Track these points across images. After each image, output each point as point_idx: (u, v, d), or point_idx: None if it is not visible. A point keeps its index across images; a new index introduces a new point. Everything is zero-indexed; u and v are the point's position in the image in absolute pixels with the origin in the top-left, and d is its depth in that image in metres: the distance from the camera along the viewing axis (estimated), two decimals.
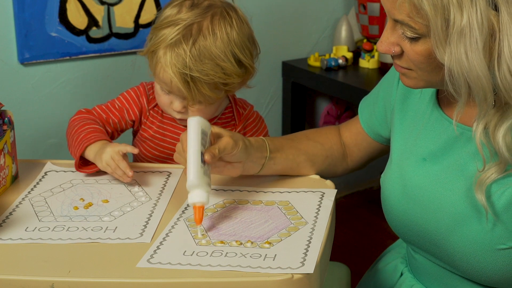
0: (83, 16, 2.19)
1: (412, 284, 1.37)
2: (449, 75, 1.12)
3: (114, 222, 1.25)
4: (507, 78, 1.09)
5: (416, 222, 1.28)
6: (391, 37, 1.18)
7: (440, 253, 1.27)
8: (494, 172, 1.17)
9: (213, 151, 1.27)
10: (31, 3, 2.09)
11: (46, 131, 2.25)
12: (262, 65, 2.66)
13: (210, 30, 1.45)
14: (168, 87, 1.49)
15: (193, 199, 1.21)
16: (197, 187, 1.21)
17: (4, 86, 2.13)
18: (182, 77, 1.44)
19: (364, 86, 2.45)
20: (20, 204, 1.32)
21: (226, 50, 1.45)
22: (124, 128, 1.61)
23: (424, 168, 1.28)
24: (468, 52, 1.09)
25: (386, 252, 1.53)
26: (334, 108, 2.87)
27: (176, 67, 1.44)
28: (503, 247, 1.19)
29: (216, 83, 1.46)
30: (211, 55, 1.44)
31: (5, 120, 1.39)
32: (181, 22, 1.45)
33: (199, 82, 1.45)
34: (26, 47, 2.12)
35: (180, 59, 1.44)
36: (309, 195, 1.34)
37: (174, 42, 1.44)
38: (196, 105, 1.50)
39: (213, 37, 1.44)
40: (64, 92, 2.24)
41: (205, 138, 1.27)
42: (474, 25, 1.07)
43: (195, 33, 1.45)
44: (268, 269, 1.08)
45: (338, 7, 2.77)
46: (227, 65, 1.45)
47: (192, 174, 1.21)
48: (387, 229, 1.42)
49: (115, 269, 1.11)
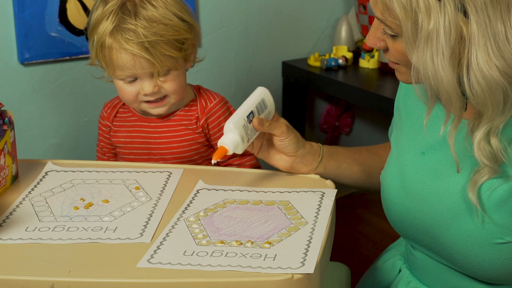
0: (83, 16, 2.19)
1: (410, 281, 1.38)
2: (415, 77, 1.13)
3: (114, 222, 1.25)
4: (475, 87, 1.08)
5: (415, 216, 1.29)
6: (376, 32, 1.20)
7: (438, 247, 1.27)
8: (486, 174, 1.17)
9: (264, 120, 1.38)
10: (31, 3, 2.09)
11: (46, 131, 2.25)
12: (262, 65, 2.68)
13: (144, 1, 1.52)
14: (132, 69, 1.52)
15: (222, 139, 1.33)
16: (230, 131, 1.33)
17: (4, 86, 2.13)
18: (141, 46, 1.49)
19: (364, 86, 2.45)
20: (21, 204, 1.32)
21: (167, 11, 1.52)
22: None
23: (422, 161, 1.29)
24: (434, 57, 1.09)
25: (386, 251, 1.54)
26: (334, 108, 2.87)
27: (131, 40, 1.49)
28: (500, 241, 1.19)
29: (172, 41, 1.52)
30: (156, 18, 1.51)
31: (5, 120, 1.39)
32: (112, 9, 1.51)
33: (157, 45, 1.50)
34: (26, 47, 2.12)
35: (131, 32, 1.49)
36: (309, 195, 1.34)
37: (117, 23, 1.50)
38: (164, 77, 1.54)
39: (150, 5, 1.52)
40: (64, 92, 2.24)
41: (263, 108, 1.40)
42: (441, 31, 1.07)
43: (132, 7, 1.51)
44: (268, 269, 1.08)
45: (338, 7, 2.77)
46: (174, 23, 1.53)
47: (232, 119, 1.34)
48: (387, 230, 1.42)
49: (115, 269, 1.11)
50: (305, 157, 1.43)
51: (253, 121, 1.37)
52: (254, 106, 1.39)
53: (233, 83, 2.58)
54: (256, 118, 1.37)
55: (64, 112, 2.26)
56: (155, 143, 1.61)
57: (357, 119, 2.97)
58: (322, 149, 1.46)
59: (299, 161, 1.43)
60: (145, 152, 1.62)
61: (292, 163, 1.43)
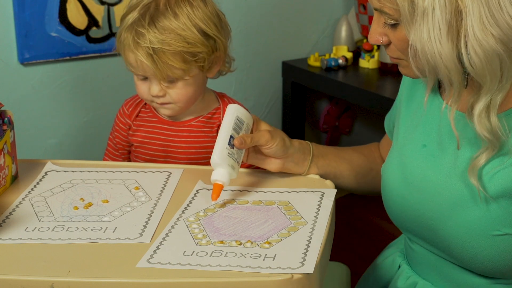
0: (83, 16, 2.19)
1: (409, 276, 1.39)
2: (413, 55, 1.15)
3: (114, 222, 1.25)
4: (474, 59, 1.11)
5: (414, 208, 1.30)
6: (378, 28, 1.22)
7: (436, 240, 1.28)
8: (483, 157, 1.19)
9: (245, 138, 1.34)
10: (31, 3, 2.09)
11: (46, 131, 2.25)
12: (262, 65, 2.68)
13: (168, 7, 1.49)
14: (139, 69, 1.52)
15: (214, 176, 1.31)
16: (219, 166, 1.31)
17: (4, 86, 2.13)
18: (145, 51, 1.47)
19: (364, 86, 2.45)
20: (20, 204, 1.32)
21: (186, 22, 1.49)
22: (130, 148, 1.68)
23: (423, 154, 1.30)
24: (430, 32, 1.11)
25: (386, 249, 1.55)
26: (334, 108, 2.87)
27: (138, 43, 1.48)
28: (498, 233, 1.21)
29: (181, 53, 1.48)
30: (170, 26, 1.48)
31: (5, 120, 1.39)
32: (140, 4, 1.51)
33: (162, 53, 1.47)
34: (26, 47, 2.12)
35: (140, 35, 1.48)
36: (309, 195, 1.34)
37: (133, 21, 1.49)
38: (168, 83, 1.52)
39: (172, 13, 1.49)
40: (64, 92, 2.24)
41: (240, 125, 1.36)
42: (436, 6, 1.09)
43: (153, 10, 1.49)
44: (268, 269, 1.08)
45: (338, 7, 2.77)
46: (188, 34, 1.48)
47: (215, 153, 1.32)
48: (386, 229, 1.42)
49: (115, 269, 1.11)
50: (295, 156, 1.42)
51: (234, 143, 1.33)
52: (232, 129, 1.34)
53: (233, 83, 2.58)
54: (236, 139, 1.33)
55: (64, 112, 2.26)
56: (174, 147, 1.60)
57: (357, 119, 2.98)
58: (312, 147, 1.45)
59: (290, 161, 1.42)
60: (161, 155, 1.60)
61: (284, 163, 1.42)
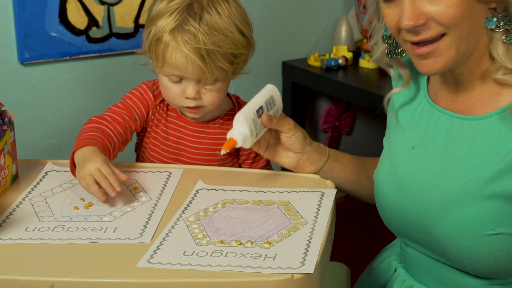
0: (83, 16, 2.19)
1: (405, 279, 1.39)
2: None
3: (114, 222, 1.25)
4: None
5: (407, 211, 1.30)
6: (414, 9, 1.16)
7: (431, 242, 1.29)
8: None
9: (272, 116, 1.40)
10: (31, 3, 2.09)
11: (46, 131, 2.25)
12: (262, 65, 2.68)
13: (211, 6, 1.49)
14: (182, 71, 1.49)
15: (232, 132, 1.35)
16: (240, 124, 1.35)
17: (4, 86, 2.13)
18: (197, 53, 1.46)
19: (364, 86, 2.45)
20: (20, 204, 1.32)
21: (230, 22, 1.49)
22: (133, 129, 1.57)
23: (412, 156, 1.30)
24: None
25: (382, 252, 1.55)
26: (334, 108, 2.87)
27: (190, 44, 1.46)
28: (491, 232, 1.21)
29: (227, 54, 1.50)
30: (219, 27, 1.48)
31: (5, 120, 1.39)
32: (178, 7, 1.48)
33: (213, 55, 1.47)
34: (26, 47, 2.12)
35: (192, 36, 1.46)
36: (309, 195, 1.34)
37: (179, 22, 1.47)
38: (210, 86, 1.51)
39: (216, 12, 1.49)
40: (64, 92, 2.24)
41: (271, 104, 1.42)
42: None
43: (198, 10, 1.48)
44: (268, 269, 1.08)
45: (338, 7, 2.77)
46: (234, 36, 1.50)
47: (241, 112, 1.36)
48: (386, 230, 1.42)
49: (115, 269, 1.11)
50: (312, 155, 1.44)
51: (262, 117, 1.39)
52: (264, 102, 1.40)
53: (233, 83, 2.57)
54: (265, 114, 1.39)
55: (64, 112, 2.26)
56: (188, 146, 1.58)
57: (357, 119, 2.97)
58: (328, 150, 1.48)
59: (306, 159, 1.44)
60: (174, 152, 1.58)
61: (299, 160, 1.44)
